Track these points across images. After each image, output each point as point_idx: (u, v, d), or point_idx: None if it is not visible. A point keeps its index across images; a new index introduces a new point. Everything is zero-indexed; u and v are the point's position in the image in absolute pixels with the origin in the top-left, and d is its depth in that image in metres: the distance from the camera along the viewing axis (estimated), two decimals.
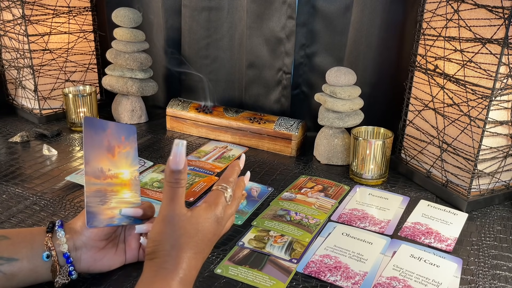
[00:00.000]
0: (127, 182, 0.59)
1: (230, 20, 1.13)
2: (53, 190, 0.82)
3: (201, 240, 0.50)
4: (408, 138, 0.92)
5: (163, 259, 0.47)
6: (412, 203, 0.82)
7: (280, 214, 0.76)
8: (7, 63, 1.19)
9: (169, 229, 0.48)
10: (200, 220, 0.49)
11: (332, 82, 0.92)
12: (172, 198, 0.48)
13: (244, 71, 1.15)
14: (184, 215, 0.48)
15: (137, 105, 1.17)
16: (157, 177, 0.87)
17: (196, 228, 0.49)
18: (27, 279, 0.54)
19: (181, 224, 0.48)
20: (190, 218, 0.49)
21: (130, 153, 0.60)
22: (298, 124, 1.01)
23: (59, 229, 0.55)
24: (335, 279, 0.61)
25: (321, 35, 1.06)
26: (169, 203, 0.48)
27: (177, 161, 0.47)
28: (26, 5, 1.08)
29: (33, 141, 1.04)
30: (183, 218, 0.48)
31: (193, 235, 0.49)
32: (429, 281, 0.61)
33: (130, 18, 1.08)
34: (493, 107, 0.73)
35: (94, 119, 0.57)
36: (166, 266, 0.47)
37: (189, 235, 0.48)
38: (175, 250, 0.47)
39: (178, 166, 0.47)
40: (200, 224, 0.49)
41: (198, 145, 1.05)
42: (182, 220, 0.48)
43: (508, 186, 0.83)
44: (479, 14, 0.72)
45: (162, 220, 0.48)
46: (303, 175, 0.92)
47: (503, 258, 0.67)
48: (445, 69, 0.80)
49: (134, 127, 0.61)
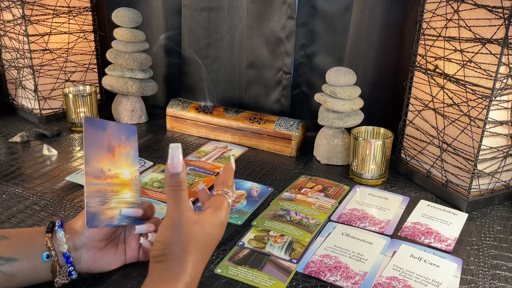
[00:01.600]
0: (128, 182, 0.59)
1: (230, 20, 1.13)
2: (53, 190, 0.82)
3: (207, 245, 0.50)
4: (408, 138, 0.92)
5: (172, 263, 0.47)
6: (412, 203, 0.82)
7: (280, 214, 0.76)
8: (7, 63, 1.19)
9: (177, 233, 0.48)
10: (207, 225, 0.50)
11: (332, 82, 0.92)
12: (177, 201, 0.48)
13: (244, 71, 1.15)
14: (191, 218, 0.49)
15: (137, 105, 1.17)
16: (157, 177, 0.87)
17: (203, 232, 0.49)
18: (27, 279, 0.54)
19: (189, 228, 0.48)
20: (197, 222, 0.49)
21: (130, 153, 0.60)
22: (298, 124, 1.01)
23: (59, 229, 0.55)
24: (335, 279, 0.61)
25: (321, 35, 1.06)
26: (174, 206, 0.49)
27: (174, 165, 0.48)
28: (26, 5, 1.08)
29: (33, 141, 1.04)
30: (191, 222, 0.49)
31: (200, 240, 0.49)
32: (429, 281, 0.61)
33: (130, 18, 1.08)
34: (493, 107, 0.73)
35: (94, 119, 0.57)
36: (174, 270, 0.47)
37: (197, 239, 0.48)
38: (184, 254, 0.48)
39: (177, 169, 0.48)
40: (207, 229, 0.50)
41: (198, 145, 1.05)
42: (190, 224, 0.48)
43: (508, 186, 0.83)
44: (479, 14, 0.72)
45: (171, 224, 0.48)
46: (303, 175, 0.92)
47: (503, 258, 0.67)
48: (445, 69, 0.80)
49: (134, 127, 0.61)
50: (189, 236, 0.48)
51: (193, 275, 0.48)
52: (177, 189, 0.48)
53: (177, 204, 0.48)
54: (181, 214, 0.48)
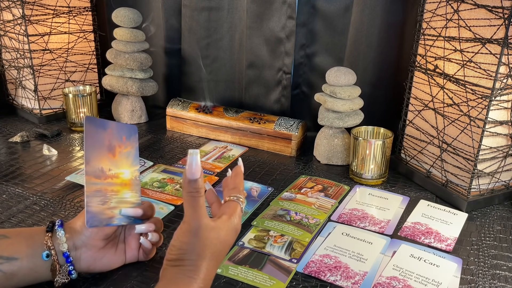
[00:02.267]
0: (128, 182, 0.59)
1: (230, 20, 1.14)
2: (53, 190, 0.82)
3: (221, 251, 0.51)
4: (408, 138, 0.92)
5: (188, 268, 0.48)
6: (412, 203, 0.82)
7: (280, 214, 0.76)
8: (7, 63, 1.19)
9: (194, 239, 0.48)
10: (223, 232, 0.50)
11: (332, 82, 0.92)
12: (195, 208, 0.49)
13: (244, 71, 1.15)
14: (208, 225, 0.49)
15: (137, 105, 1.17)
16: (157, 177, 0.87)
17: (219, 239, 0.50)
18: (27, 278, 0.54)
19: (206, 235, 0.49)
20: (214, 229, 0.50)
21: (131, 153, 0.60)
22: (298, 124, 1.01)
23: (59, 228, 0.55)
24: (335, 279, 0.61)
25: (321, 35, 1.06)
26: (192, 213, 0.49)
27: (193, 171, 0.48)
28: (26, 5, 1.08)
29: (33, 141, 1.04)
30: (208, 229, 0.49)
31: (215, 246, 0.49)
32: (429, 281, 0.61)
33: (130, 18, 1.08)
34: (493, 107, 0.73)
35: (95, 118, 0.57)
36: (190, 275, 0.48)
37: (212, 245, 0.49)
38: (199, 260, 0.48)
39: (195, 175, 0.48)
40: (223, 236, 0.50)
41: (198, 145, 1.05)
42: (207, 231, 0.49)
43: (508, 186, 0.83)
44: (479, 14, 0.72)
45: (188, 230, 0.49)
46: (303, 175, 0.92)
47: (503, 258, 0.67)
48: (445, 69, 0.80)
49: (135, 127, 0.61)
50: (205, 243, 0.48)
51: (206, 280, 0.49)
52: (195, 196, 0.48)
53: (195, 210, 0.49)
54: (199, 221, 0.49)
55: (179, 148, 1.03)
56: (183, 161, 0.96)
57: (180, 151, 1.01)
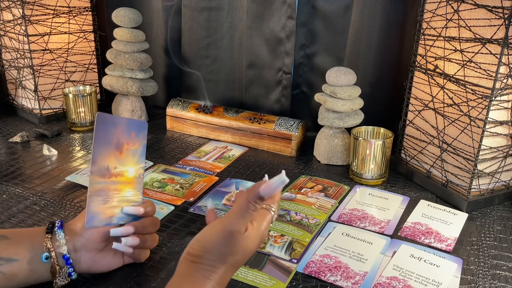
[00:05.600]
0: (131, 180, 0.59)
1: (230, 20, 1.13)
2: (53, 190, 0.82)
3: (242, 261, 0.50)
4: (408, 138, 0.92)
5: (206, 268, 0.48)
6: (412, 203, 0.82)
7: (280, 214, 0.76)
8: (7, 63, 1.19)
9: (224, 242, 0.48)
10: (249, 243, 0.50)
11: (332, 82, 0.92)
12: (243, 216, 0.48)
13: (244, 71, 1.15)
14: (241, 234, 0.49)
15: (137, 105, 1.17)
16: (157, 177, 0.87)
17: (244, 248, 0.49)
18: (27, 279, 0.54)
19: (235, 243, 0.48)
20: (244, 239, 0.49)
21: (138, 150, 0.59)
22: (298, 124, 1.01)
23: (59, 230, 0.55)
24: (335, 279, 0.61)
25: (321, 35, 1.06)
26: (237, 218, 0.48)
27: (269, 191, 0.48)
28: (26, 5, 1.08)
29: (33, 141, 1.04)
30: (239, 238, 0.48)
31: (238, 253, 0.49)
32: (429, 281, 0.61)
33: (130, 18, 1.08)
34: (493, 107, 0.73)
35: (106, 115, 0.55)
36: (206, 275, 0.47)
37: (236, 253, 0.49)
38: (218, 263, 0.48)
39: (267, 195, 0.48)
40: (249, 246, 0.50)
41: (198, 145, 1.05)
42: (238, 240, 0.48)
43: (508, 186, 0.83)
44: (479, 14, 0.72)
45: (222, 231, 0.48)
46: (303, 175, 0.92)
47: (503, 258, 0.67)
48: (445, 69, 0.80)
49: (145, 122, 0.60)
50: (231, 250, 0.48)
51: (221, 284, 0.48)
52: (252, 208, 0.48)
53: (241, 218, 0.48)
54: (236, 227, 0.48)
55: (179, 148, 1.03)
56: (183, 161, 0.96)
57: (180, 151, 1.01)
